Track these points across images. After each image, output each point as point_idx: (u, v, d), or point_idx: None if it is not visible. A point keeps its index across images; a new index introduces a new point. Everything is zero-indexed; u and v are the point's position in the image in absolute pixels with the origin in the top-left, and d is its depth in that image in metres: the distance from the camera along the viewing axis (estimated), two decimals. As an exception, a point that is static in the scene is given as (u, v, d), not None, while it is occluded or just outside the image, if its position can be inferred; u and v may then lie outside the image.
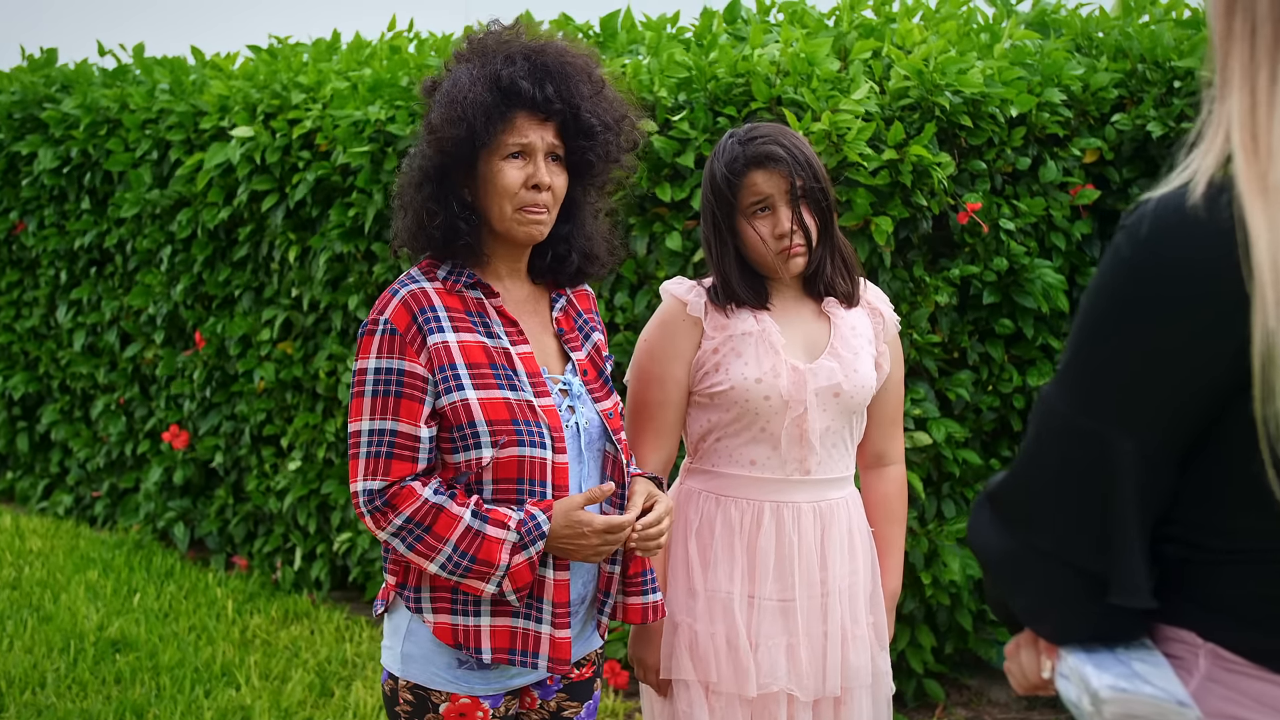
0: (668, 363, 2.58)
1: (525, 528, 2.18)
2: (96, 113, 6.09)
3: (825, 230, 2.56)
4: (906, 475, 3.78)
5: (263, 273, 5.48)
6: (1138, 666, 1.34)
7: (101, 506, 6.45)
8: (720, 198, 2.55)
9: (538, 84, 2.23)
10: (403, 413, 2.20)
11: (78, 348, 6.38)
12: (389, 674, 2.35)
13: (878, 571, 2.72)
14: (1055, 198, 4.08)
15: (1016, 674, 1.52)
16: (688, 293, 2.60)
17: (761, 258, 2.54)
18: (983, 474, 4.09)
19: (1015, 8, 4.72)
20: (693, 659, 2.57)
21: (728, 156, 2.54)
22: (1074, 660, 1.38)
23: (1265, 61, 1.24)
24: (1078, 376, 1.33)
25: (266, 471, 5.54)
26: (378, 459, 2.21)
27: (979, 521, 1.46)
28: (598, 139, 2.30)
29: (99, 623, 4.97)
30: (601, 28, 4.72)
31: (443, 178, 2.27)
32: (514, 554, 2.18)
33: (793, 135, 2.56)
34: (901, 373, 2.77)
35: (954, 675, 4.33)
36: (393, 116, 4.73)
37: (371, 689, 4.35)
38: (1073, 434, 1.34)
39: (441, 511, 2.18)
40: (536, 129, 2.25)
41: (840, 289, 2.61)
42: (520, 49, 2.26)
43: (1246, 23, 1.25)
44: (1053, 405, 1.37)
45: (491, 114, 2.21)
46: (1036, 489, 1.39)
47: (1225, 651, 1.33)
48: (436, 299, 2.26)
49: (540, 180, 2.25)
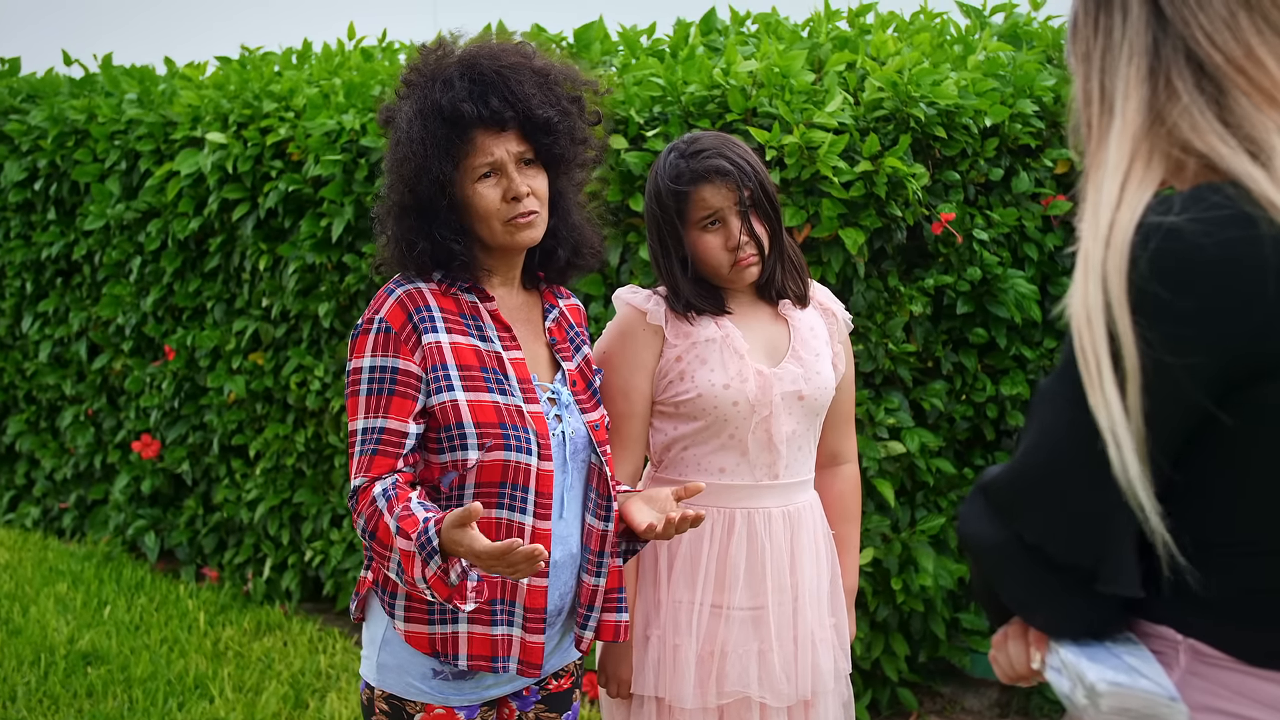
0: (630, 374, 2.57)
1: (421, 543, 2.07)
2: (64, 124, 6.05)
3: (775, 237, 2.56)
4: (873, 480, 3.82)
5: (233, 283, 5.46)
6: (1130, 660, 1.36)
7: (70, 518, 6.40)
8: (667, 212, 2.54)
9: (480, 101, 2.21)
10: (394, 410, 2.20)
11: (44, 359, 6.33)
12: (366, 683, 2.35)
13: (838, 571, 2.74)
14: (1027, 208, 4.10)
15: (1004, 664, 1.53)
16: (646, 301, 2.59)
17: (715, 269, 2.54)
18: (956, 483, 4.11)
19: (988, 19, 4.75)
20: (657, 673, 2.58)
21: (672, 171, 2.53)
22: (1067, 653, 1.40)
23: None
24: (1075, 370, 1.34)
25: (237, 481, 5.51)
26: (368, 456, 2.21)
27: (971, 512, 1.48)
28: (558, 129, 2.29)
29: (69, 635, 4.93)
30: (575, 39, 4.72)
31: (422, 211, 2.26)
32: (422, 567, 2.09)
33: (736, 145, 2.56)
34: (853, 372, 2.79)
35: (927, 683, 4.35)
36: (364, 127, 4.72)
37: (346, 700, 4.33)
38: (1070, 428, 1.35)
39: (381, 519, 2.14)
40: (497, 142, 2.25)
41: (793, 291, 2.63)
42: (455, 68, 2.25)
43: None
44: (1050, 399, 1.39)
45: (446, 146, 2.21)
46: (1033, 482, 1.41)
47: (1204, 646, 1.36)
48: (432, 299, 2.27)
49: (517, 191, 2.25)
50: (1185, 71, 1.33)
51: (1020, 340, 4.13)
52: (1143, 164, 1.34)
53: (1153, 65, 1.34)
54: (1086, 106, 1.41)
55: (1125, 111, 1.35)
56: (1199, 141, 1.32)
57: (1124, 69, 1.36)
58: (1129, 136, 1.34)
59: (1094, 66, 1.40)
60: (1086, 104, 1.40)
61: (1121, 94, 1.36)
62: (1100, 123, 1.38)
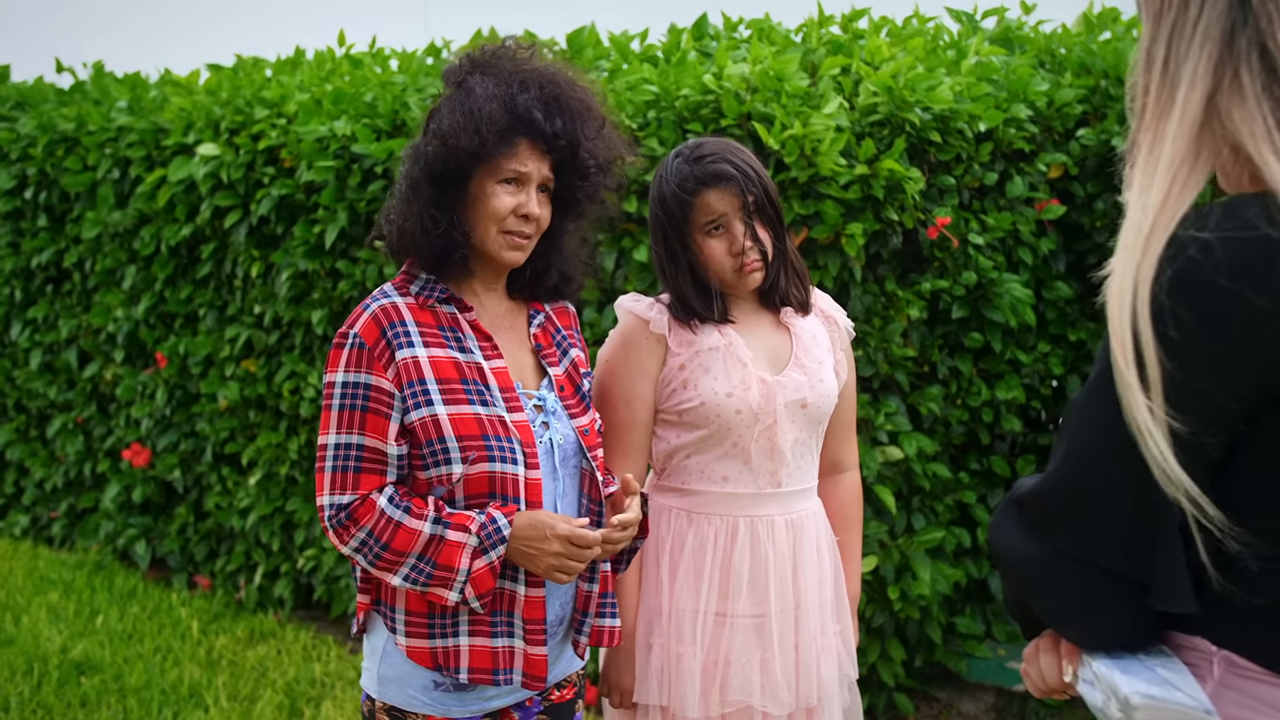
0: (633, 382, 2.56)
1: (485, 531, 2.16)
2: (53, 132, 6.03)
3: (779, 243, 2.56)
4: (872, 486, 3.82)
5: (225, 290, 5.44)
6: (1163, 673, 1.36)
7: (59, 527, 6.37)
8: (672, 218, 2.53)
9: (549, 116, 2.23)
10: (369, 427, 2.19)
11: (34, 366, 6.30)
12: (367, 695, 2.34)
13: (842, 578, 2.73)
14: (1022, 212, 4.11)
15: (1035, 677, 1.52)
16: (648, 310, 2.58)
17: (719, 275, 2.54)
18: (952, 487, 4.11)
19: (980, 24, 4.76)
20: (659, 682, 2.57)
21: (677, 176, 2.53)
22: (1100, 666, 1.39)
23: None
24: (1112, 383, 1.32)
25: (229, 489, 5.49)
26: (344, 473, 2.20)
27: (1003, 525, 1.47)
28: (590, 179, 2.32)
29: (62, 645, 4.91)
30: (567, 44, 4.71)
31: (444, 185, 2.25)
32: (474, 559, 2.16)
33: (739, 150, 2.55)
34: (854, 379, 2.78)
35: (923, 688, 4.34)
36: (355, 134, 4.71)
37: (341, 709, 4.31)
38: (1108, 441, 1.34)
39: (400, 527, 2.17)
40: (536, 160, 2.25)
41: (795, 298, 2.62)
42: (534, 75, 2.25)
43: None
44: (1086, 412, 1.38)
45: (496, 132, 2.20)
46: (1070, 495, 1.39)
47: (1239, 658, 1.35)
48: (408, 314, 2.25)
49: (530, 211, 2.25)
50: (1257, 70, 1.28)
51: (1015, 344, 4.13)
52: (1190, 165, 1.31)
53: (1223, 55, 1.29)
54: (1147, 72, 1.36)
55: (1187, 103, 1.31)
56: (1251, 148, 1.28)
57: (1194, 51, 1.31)
58: (1185, 132, 1.31)
59: (1163, 32, 1.34)
60: (1148, 69, 1.36)
61: (1187, 81, 1.31)
62: (1159, 98, 1.34)
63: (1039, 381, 4.18)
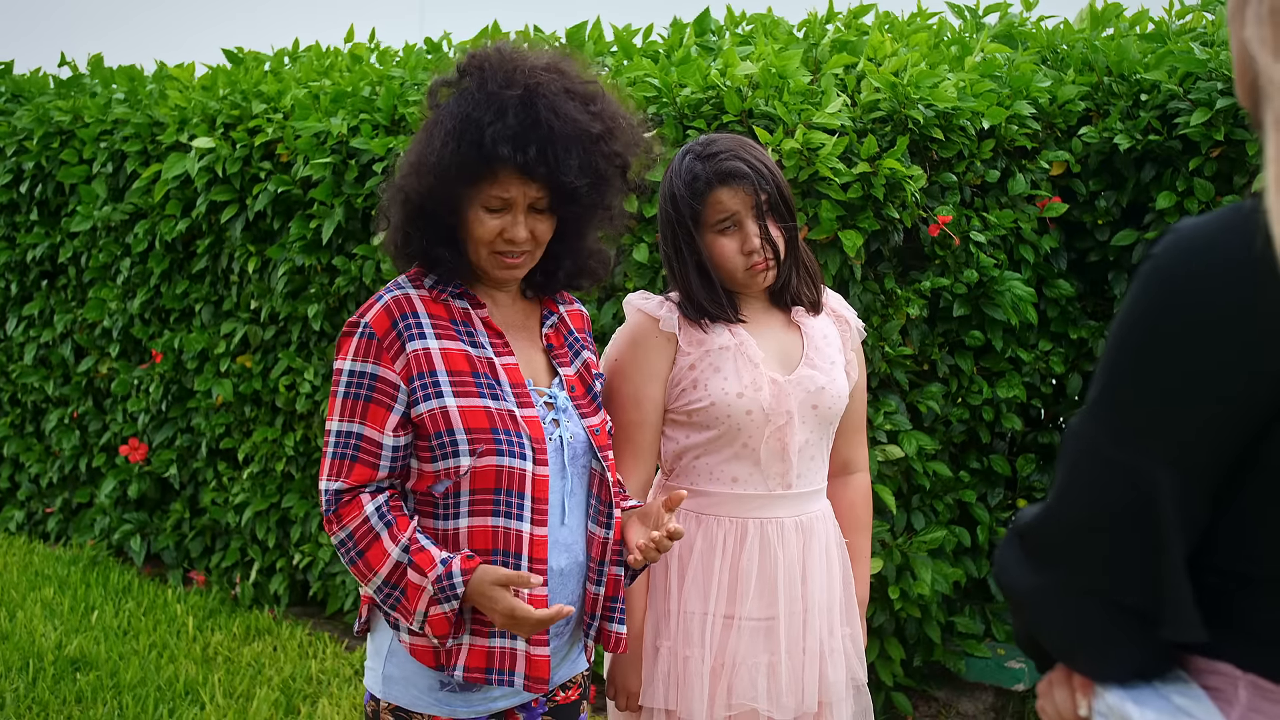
0: (643, 382, 2.53)
1: (440, 585, 2.13)
2: (49, 125, 6.00)
3: (791, 242, 2.52)
4: (872, 484, 3.80)
5: (221, 285, 5.41)
6: (1178, 700, 1.33)
7: (54, 522, 6.34)
8: (682, 216, 2.49)
9: (519, 147, 2.14)
10: (370, 417, 2.19)
11: (29, 361, 6.27)
12: (371, 695, 2.32)
13: (851, 581, 2.70)
14: (1023, 210, 4.09)
15: (1051, 713, 1.49)
16: (658, 309, 2.54)
17: (730, 274, 2.50)
18: (952, 486, 4.09)
19: (983, 20, 4.74)
20: (666, 686, 2.55)
21: (688, 174, 2.48)
22: (1113, 698, 1.37)
23: None
24: (1109, 409, 1.31)
25: (225, 485, 5.47)
26: (342, 460, 2.21)
27: (1007, 558, 1.44)
28: (581, 198, 2.23)
29: (57, 641, 4.89)
30: (569, 39, 4.68)
31: (423, 204, 2.23)
32: (430, 605, 2.16)
33: (752, 147, 2.51)
34: (865, 380, 2.75)
35: (922, 688, 4.33)
36: (355, 128, 4.69)
37: (338, 706, 4.29)
38: (1108, 468, 1.32)
39: (376, 541, 2.17)
40: (519, 185, 2.18)
41: (806, 298, 2.59)
42: (515, 99, 2.16)
43: None
44: (1084, 439, 1.36)
45: (470, 170, 2.16)
46: (1072, 526, 1.37)
47: (1265, 681, 1.32)
48: (420, 306, 2.24)
49: (515, 236, 2.21)
50: None
51: (1016, 343, 4.12)
52: None
53: None
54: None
55: None
56: None
57: None
58: None
59: None
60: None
61: None
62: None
63: (1040, 380, 4.17)
